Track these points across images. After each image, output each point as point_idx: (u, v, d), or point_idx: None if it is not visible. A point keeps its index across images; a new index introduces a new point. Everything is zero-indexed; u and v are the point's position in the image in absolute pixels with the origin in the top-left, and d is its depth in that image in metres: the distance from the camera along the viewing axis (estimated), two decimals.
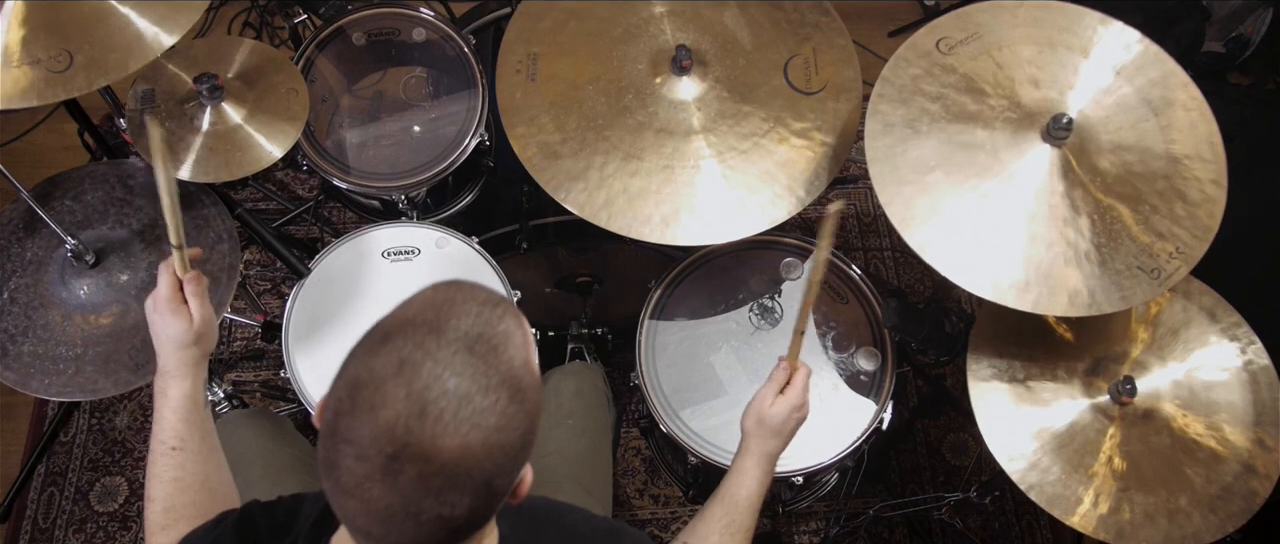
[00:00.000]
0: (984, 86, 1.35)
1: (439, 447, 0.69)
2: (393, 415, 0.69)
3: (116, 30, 1.34)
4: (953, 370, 2.17)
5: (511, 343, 0.76)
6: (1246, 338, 1.43)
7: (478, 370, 0.72)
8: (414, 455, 0.69)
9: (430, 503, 0.70)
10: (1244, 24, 2.59)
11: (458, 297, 0.76)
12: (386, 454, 0.69)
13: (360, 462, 0.70)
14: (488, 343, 0.74)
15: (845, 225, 2.52)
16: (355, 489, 0.71)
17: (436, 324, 0.73)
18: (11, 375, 1.44)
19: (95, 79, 1.31)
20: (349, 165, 1.79)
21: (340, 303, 1.58)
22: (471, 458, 0.70)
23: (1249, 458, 1.34)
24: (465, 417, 0.70)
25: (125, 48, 1.33)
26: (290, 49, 2.29)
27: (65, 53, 1.31)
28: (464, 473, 0.70)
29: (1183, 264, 1.25)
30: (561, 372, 1.58)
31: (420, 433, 0.69)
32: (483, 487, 0.72)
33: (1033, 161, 1.30)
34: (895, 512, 2.05)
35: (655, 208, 1.42)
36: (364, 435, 0.70)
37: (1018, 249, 1.26)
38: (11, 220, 1.56)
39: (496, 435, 0.71)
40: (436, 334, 0.72)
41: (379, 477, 0.69)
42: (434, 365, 0.71)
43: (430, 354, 0.71)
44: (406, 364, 0.71)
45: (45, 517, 2.06)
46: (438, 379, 0.70)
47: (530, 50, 1.54)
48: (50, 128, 2.49)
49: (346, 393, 0.72)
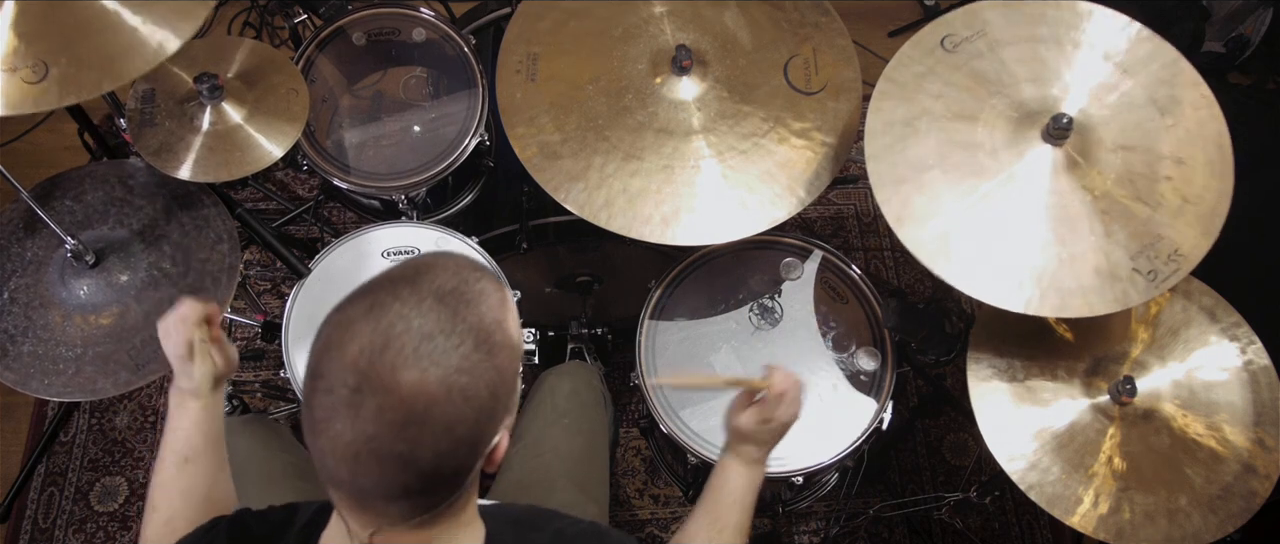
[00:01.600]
0: (986, 85, 1.35)
1: (397, 379, 0.72)
2: (357, 349, 0.73)
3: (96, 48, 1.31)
4: (953, 370, 2.17)
5: (485, 301, 0.78)
6: (1246, 338, 1.43)
7: (443, 315, 0.75)
8: (375, 387, 0.72)
9: (389, 438, 0.72)
10: (1244, 24, 2.59)
11: (439, 260, 0.80)
12: (349, 385, 0.72)
13: (327, 395, 0.73)
14: (460, 296, 0.77)
15: (845, 225, 2.51)
16: (323, 426, 0.73)
17: (413, 278, 0.77)
18: (11, 375, 1.44)
19: (67, 95, 1.28)
20: (349, 165, 1.79)
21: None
22: (428, 395, 0.72)
23: (1249, 458, 1.34)
24: (425, 352, 0.73)
25: (102, 66, 1.30)
26: (290, 49, 2.29)
27: (41, 64, 1.28)
28: (423, 409, 0.72)
29: (1182, 266, 1.24)
30: (557, 372, 1.58)
31: (381, 365, 0.72)
32: (443, 431, 0.74)
33: (1032, 162, 1.30)
34: (895, 512, 2.05)
35: (655, 208, 1.42)
36: (332, 369, 0.73)
37: (1015, 250, 1.26)
38: (11, 220, 1.56)
39: (457, 377, 0.74)
40: (411, 284, 0.76)
41: (343, 409, 0.72)
42: (402, 306, 0.74)
43: (401, 298, 0.75)
44: (376, 306, 0.75)
45: (45, 517, 2.06)
46: (403, 318, 0.74)
47: (530, 50, 1.54)
48: (50, 128, 2.49)
49: (324, 337, 0.76)
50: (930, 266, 1.25)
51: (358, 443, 0.73)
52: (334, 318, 0.76)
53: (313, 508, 0.95)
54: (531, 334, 1.66)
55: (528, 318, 1.66)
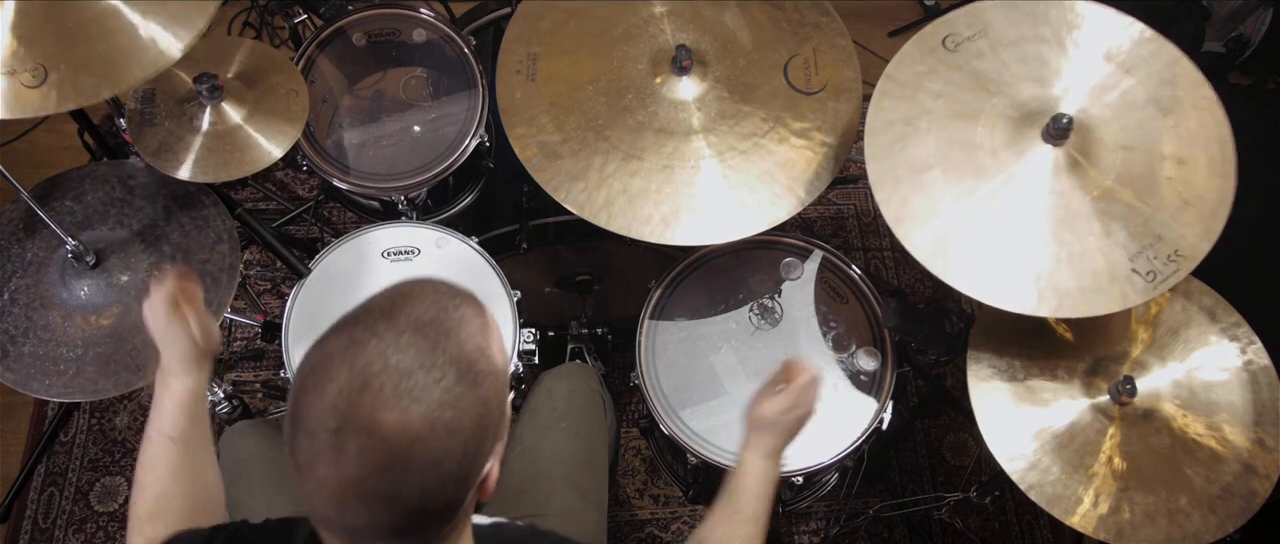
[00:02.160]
0: (987, 85, 1.35)
1: (378, 420, 0.70)
2: (335, 391, 0.71)
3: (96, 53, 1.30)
4: (953, 370, 2.17)
5: (466, 328, 0.77)
6: (1246, 338, 1.43)
7: (423, 349, 0.73)
8: (356, 429, 0.70)
9: (376, 479, 0.71)
10: (1244, 24, 2.59)
11: (417, 288, 0.79)
12: (330, 429, 0.70)
13: (309, 439, 0.71)
14: (439, 326, 0.75)
15: (845, 225, 2.52)
16: (307, 470, 0.72)
17: (390, 310, 0.75)
18: (12, 376, 1.44)
19: (66, 100, 1.27)
20: (349, 166, 1.79)
21: (340, 303, 1.57)
22: (412, 433, 0.71)
23: (1249, 458, 1.34)
24: (405, 390, 0.71)
25: (102, 72, 1.29)
26: (290, 49, 2.29)
27: (40, 68, 1.27)
28: (406, 448, 0.71)
29: (1182, 266, 1.24)
30: (554, 374, 1.57)
31: (361, 406, 0.70)
32: (430, 467, 0.72)
33: (1032, 162, 1.30)
34: (895, 512, 2.05)
35: (655, 208, 1.42)
36: (311, 413, 0.72)
37: (1014, 250, 1.26)
38: (11, 221, 1.56)
39: (440, 412, 0.72)
40: (388, 318, 0.74)
41: (326, 453, 0.71)
42: (379, 343, 0.72)
43: (378, 334, 0.73)
44: (354, 343, 0.73)
45: (45, 517, 2.06)
46: (381, 355, 0.72)
47: (530, 50, 1.54)
48: (50, 128, 2.49)
49: (301, 377, 0.74)
50: (929, 267, 1.25)
51: (343, 486, 0.71)
52: (310, 357, 0.74)
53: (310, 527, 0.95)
54: (531, 334, 1.66)
55: (528, 318, 1.66)
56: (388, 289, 0.79)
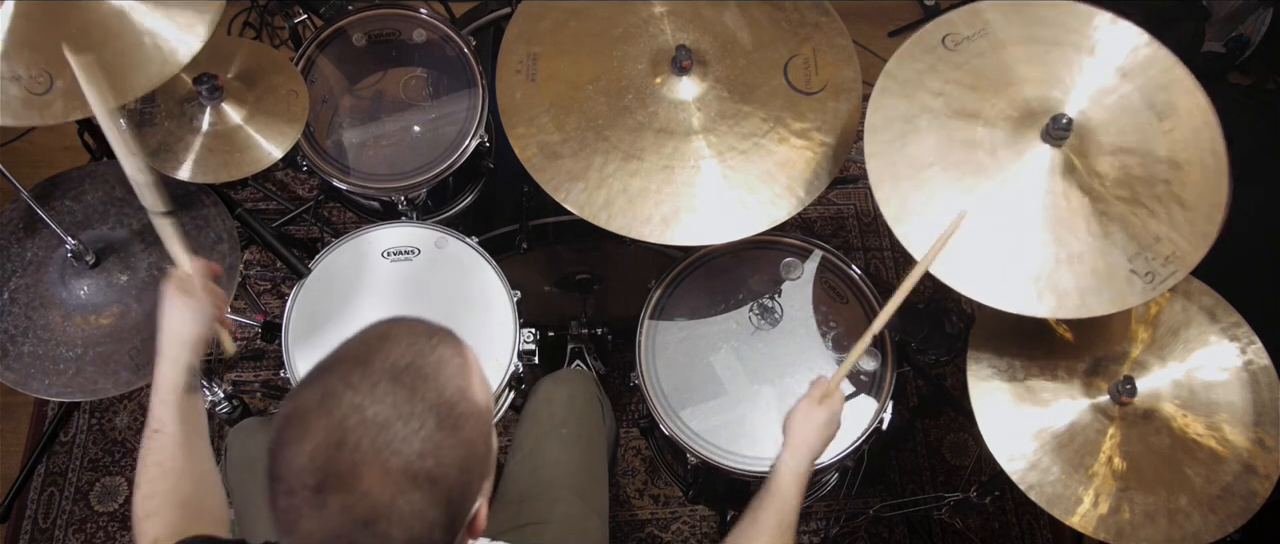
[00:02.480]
0: (987, 84, 1.35)
1: (358, 475, 0.69)
2: (313, 447, 0.69)
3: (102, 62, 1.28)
4: (953, 370, 2.17)
5: (444, 371, 0.75)
6: (1246, 338, 1.42)
7: (400, 398, 0.71)
8: (336, 485, 0.69)
9: (361, 533, 0.70)
10: (1244, 24, 2.59)
11: (393, 330, 0.77)
12: (310, 486, 0.69)
13: (289, 496, 0.70)
14: (416, 372, 0.73)
15: (845, 225, 2.52)
16: (290, 526, 0.71)
17: (365, 357, 0.73)
18: (11, 376, 1.44)
19: (72, 110, 1.27)
20: (349, 166, 1.79)
21: (340, 303, 1.58)
22: (394, 485, 0.69)
23: (1249, 458, 1.34)
24: (383, 444, 0.69)
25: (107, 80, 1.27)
26: (290, 49, 2.30)
27: (46, 75, 1.26)
28: (388, 502, 0.69)
29: (1179, 268, 1.24)
30: (553, 380, 1.57)
31: (340, 462, 0.69)
32: (413, 518, 0.71)
33: (1031, 162, 1.30)
34: (895, 512, 2.05)
35: (655, 208, 1.42)
36: (290, 470, 0.70)
37: (1013, 250, 1.26)
38: (11, 220, 1.56)
39: (421, 463, 0.70)
40: (363, 366, 0.73)
41: (308, 509, 0.69)
42: (354, 396, 0.71)
43: (352, 386, 0.71)
44: (329, 396, 0.71)
45: (45, 517, 2.06)
46: (356, 409, 0.70)
47: (530, 50, 1.54)
48: (50, 127, 2.48)
49: (278, 429, 0.72)
50: (930, 268, 1.25)
51: (327, 541, 0.70)
52: (286, 409, 0.73)
53: None
54: (531, 334, 1.66)
55: (528, 318, 1.66)
56: (362, 332, 0.77)
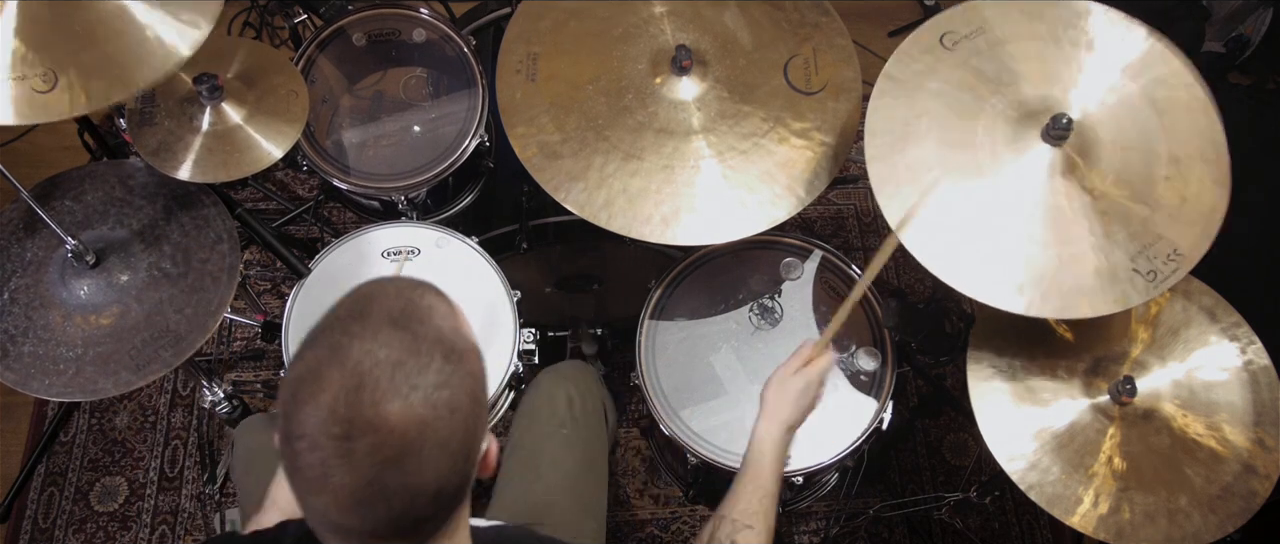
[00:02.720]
0: (986, 84, 1.35)
1: (383, 414, 0.71)
2: (332, 397, 0.71)
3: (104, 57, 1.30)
4: (953, 370, 2.17)
5: (436, 313, 0.78)
6: (1246, 338, 1.42)
7: (405, 339, 0.74)
8: (363, 428, 0.70)
9: (392, 473, 0.71)
10: (1244, 24, 2.59)
11: (377, 286, 0.80)
12: (336, 435, 0.70)
13: (314, 451, 0.71)
14: (412, 315, 0.76)
15: (845, 225, 2.52)
16: (319, 482, 0.72)
17: (360, 312, 0.76)
18: (12, 376, 1.44)
19: (77, 104, 1.27)
20: (349, 166, 1.79)
21: None
22: (418, 419, 0.72)
23: (1249, 458, 1.34)
24: (402, 380, 0.72)
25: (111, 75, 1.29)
26: (290, 49, 2.29)
27: (51, 73, 1.27)
28: (416, 435, 0.72)
29: (1181, 266, 1.24)
30: (554, 375, 1.55)
31: (361, 405, 0.71)
32: (439, 449, 0.73)
33: (1031, 161, 1.30)
34: (895, 512, 2.05)
35: (655, 208, 1.42)
36: (311, 424, 0.71)
37: (1014, 250, 1.26)
38: (11, 220, 1.56)
39: (438, 393, 0.73)
40: (361, 319, 0.75)
41: (336, 460, 0.71)
42: (362, 343, 0.73)
43: (356, 335, 0.74)
44: (336, 349, 0.73)
45: (45, 517, 2.06)
46: (368, 354, 0.72)
47: (530, 50, 1.54)
48: (50, 128, 2.47)
49: (289, 393, 0.74)
50: (929, 267, 1.25)
51: (360, 488, 0.71)
52: (295, 371, 0.74)
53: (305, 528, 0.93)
54: (531, 334, 1.66)
55: (528, 318, 1.66)
56: (348, 295, 0.80)
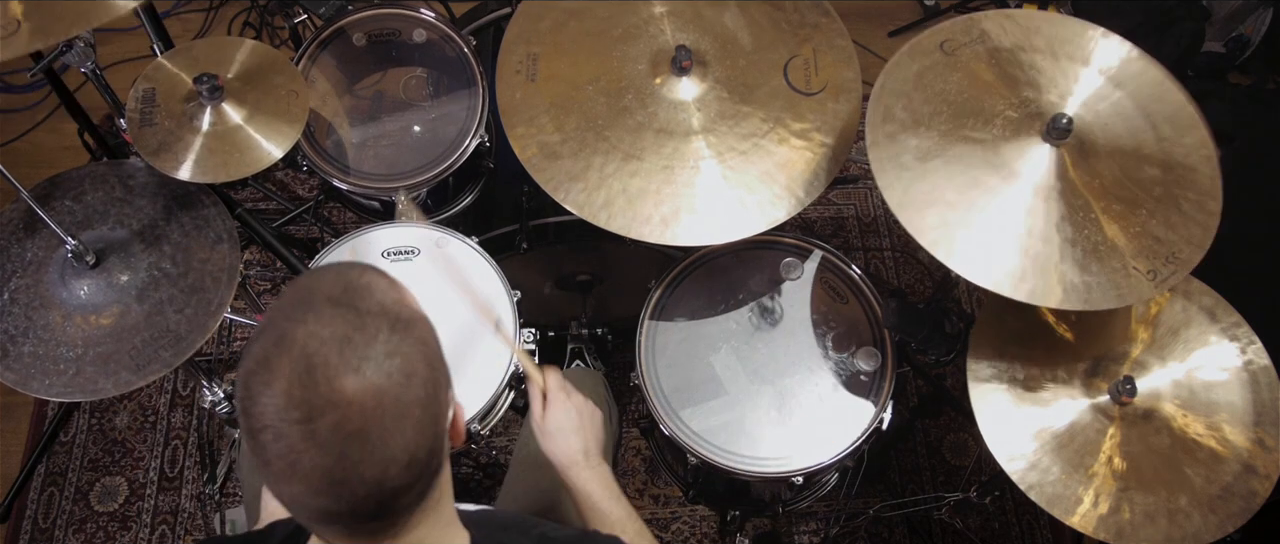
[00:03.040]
0: (986, 86, 1.36)
1: (339, 389, 0.71)
2: (287, 383, 0.71)
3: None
4: (953, 370, 2.17)
5: (376, 287, 0.78)
6: (1246, 338, 1.43)
7: (348, 316, 0.74)
8: (322, 407, 0.70)
9: (359, 447, 0.71)
10: (1244, 24, 2.59)
11: (316, 273, 0.81)
12: (296, 420, 0.70)
13: (279, 440, 0.71)
14: (352, 292, 0.77)
15: (845, 225, 2.51)
16: (290, 471, 0.72)
17: (301, 298, 0.76)
18: (12, 376, 1.44)
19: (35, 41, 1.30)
20: (349, 166, 1.79)
21: None
22: (375, 389, 0.72)
23: (1249, 458, 1.34)
24: (351, 354, 0.72)
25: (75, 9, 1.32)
26: (290, 49, 2.30)
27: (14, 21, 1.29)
28: (375, 406, 0.72)
29: (1178, 269, 1.25)
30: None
31: (316, 385, 0.71)
32: (401, 417, 0.73)
33: (1032, 159, 1.31)
34: (895, 512, 2.05)
35: (655, 208, 1.42)
36: (271, 414, 0.71)
37: (1013, 241, 1.26)
38: (11, 220, 1.56)
39: (390, 362, 0.73)
40: (302, 304, 0.75)
41: (302, 444, 0.71)
42: (306, 327, 0.73)
43: (300, 320, 0.74)
44: (282, 338, 0.73)
45: (45, 517, 2.06)
46: (313, 335, 0.72)
47: (530, 50, 1.54)
48: (50, 128, 2.49)
49: (244, 388, 0.74)
50: (934, 252, 1.25)
51: (331, 467, 0.71)
52: (246, 366, 0.74)
53: (291, 526, 0.94)
54: (531, 334, 1.66)
55: (528, 318, 1.66)
56: (288, 286, 0.80)
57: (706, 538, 2.07)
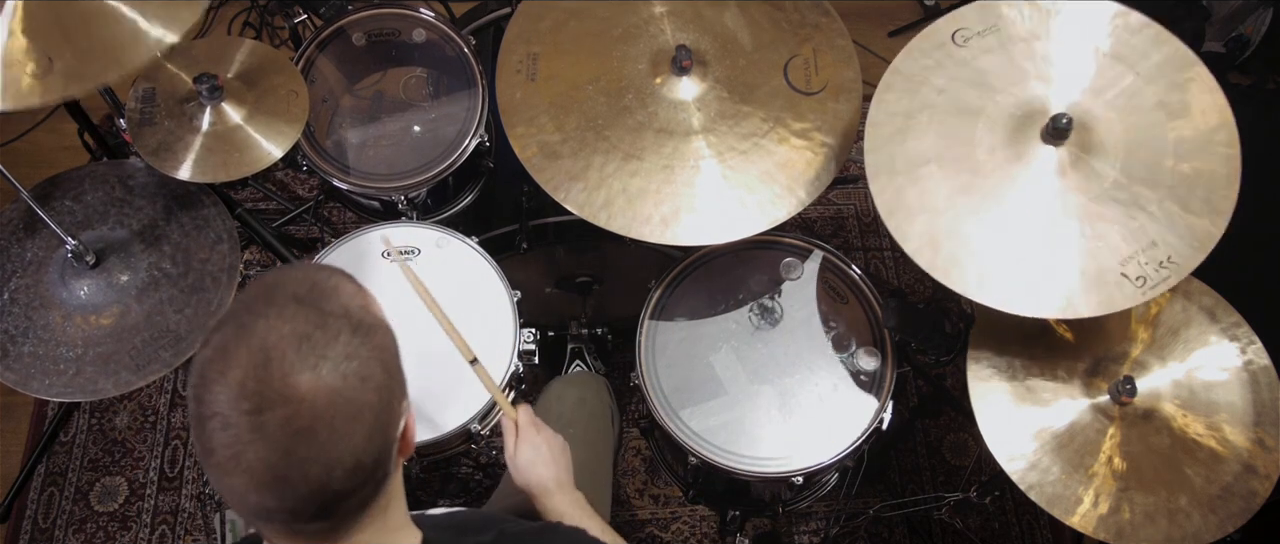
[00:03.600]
0: (991, 82, 1.35)
1: (292, 385, 0.71)
2: (242, 373, 0.71)
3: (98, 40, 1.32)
4: (953, 370, 2.17)
5: (342, 291, 0.79)
6: (1246, 338, 1.43)
7: (310, 314, 0.74)
8: (273, 400, 0.70)
9: (305, 445, 0.71)
10: (1244, 24, 2.59)
11: (283, 271, 0.81)
12: (246, 411, 0.70)
13: (226, 429, 0.71)
14: (318, 292, 0.77)
15: (845, 225, 2.51)
16: (233, 462, 0.71)
17: (265, 294, 0.77)
18: (12, 376, 1.44)
19: (72, 86, 1.30)
20: (349, 166, 1.79)
21: None
22: (328, 388, 0.72)
23: (1249, 458, 1.34)
24: (309, 351, 0.72)
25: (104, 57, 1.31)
26: (290, 49, 2.30)
27: (45, 58, 1.28)
28: (326, 405, 0.72)
29: (1171, 274, 1.23)
30: (564, 381, 1.58)
31: (270, 379, 0.71)
32: (351, 420, 0.73)
33: (1029, 162, 1.30)
34: (895, 512, 2.05)
35: (655, 208, 1.42)
36: (222, 402, 0.71)
37: (1008, 249, 1.26)
38: (11, 220, 1.56)
39: (347, 365, 0.73)
40: (266, 299, 0.76)
41: (249, 436, 0.70)
42: (267, 321, 0.73)
43: (262, 314, 0.74)
44: (242, 329, 0.73)
45: (45, 517, 2.06)
46: (273, 329, 0.73)
47: (530, 50, 1.54)
48: (50, 128, 2.49)
49: (198, 376, 0.73)
50: (918, 262, 1.25)
51: (275, 464, 0.71)
52: (203, 354, 0.74)
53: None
54: (531, 334, 1.66)
55: (528, 318, 1.65)
56: (253, 280, 0.80)
57: (706, 538, 2.07)
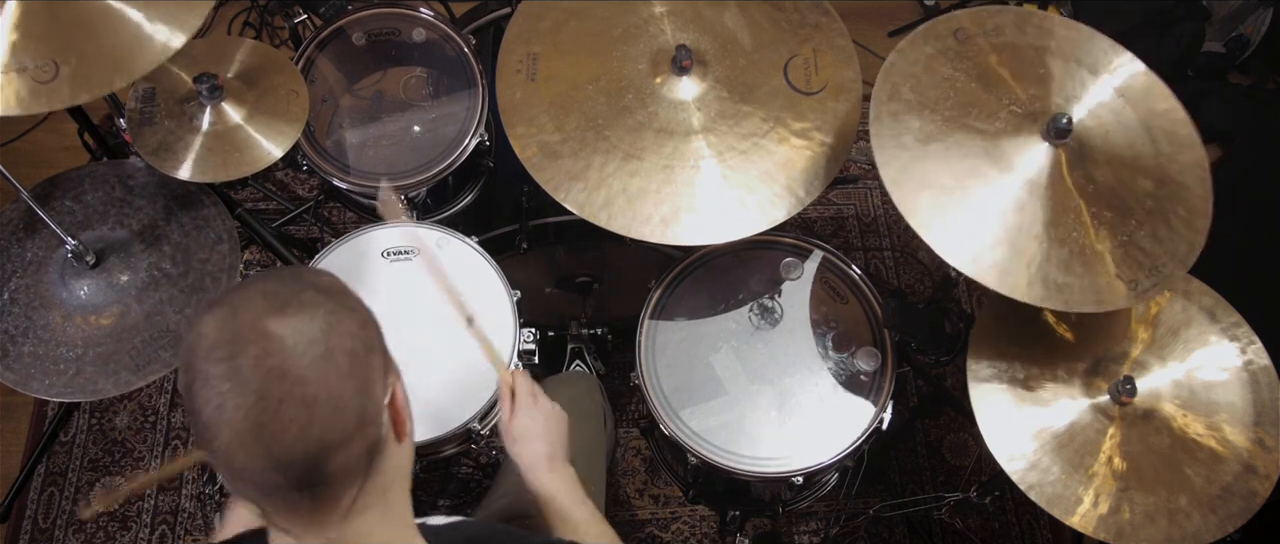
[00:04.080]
0: (993, 78, 1.36)
1: (261, 326, 0.73)
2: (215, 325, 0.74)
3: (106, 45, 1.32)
4: (953, 370, 2.17)
5: (324, 277, 0.82)
6: (1246, 338, 1.43)
7: (286, 284, 0.78)
8: (244, 342, 0.72)
9: (279, 384, 0.72)
10: (1244, 24, 2.59)
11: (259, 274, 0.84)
12: (221, 358, 0.72)
13: (206, 386, 0.72)
14: (298, 272, 0.81)
15: (845, 225, 2.51)
16: (216, 419, 0.72)
17: (243, 284, 0.79)
18: (12, 376, 1.44)
19: (79, 93, 1.29)
20: (349, 165, 1.79)
21: None
22: (299, 330, 0.74)
23: (1249, 458, 1.34)
24: (283, 299, 0.75)
25: (111, 63, 1.31)
26: (290, 49, 2.30)
27: (51, 63, 1.29)
28: (297, 344, 0.73)
29: (1160, 282, 1.26)
30: (555, 380, 1.57)
31: (241, 324, 0.73)
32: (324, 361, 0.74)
33: (1031, 156, 1.31)
34: (895, 512, 2.05)
35: (655, 208, 1.42)
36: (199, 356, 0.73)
37: (1001, 233, 1.26)
38: (11, 220, 1.56)
39: (314, 310, 0.75)
40: (243, 288, 0.78)
41: (226, 385, 0.72)
42: (244, 291, 0.76)
43: (237, 288, 0.78)
44: (215, 302, 0.77)
45: (45, 517, 2.06)
46: (246, 288, 0.76)
47: (530, 50, 1.54)
48: (50, 128, 2.49)
49: (184, 351, 0.76)
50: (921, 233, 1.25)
51: (252, 408, 0.71)
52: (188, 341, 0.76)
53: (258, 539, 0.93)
54: (531, 334, 1.66)
55: (528, 318, 1.66)
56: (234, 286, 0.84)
57: (706, 538, 2.07)
